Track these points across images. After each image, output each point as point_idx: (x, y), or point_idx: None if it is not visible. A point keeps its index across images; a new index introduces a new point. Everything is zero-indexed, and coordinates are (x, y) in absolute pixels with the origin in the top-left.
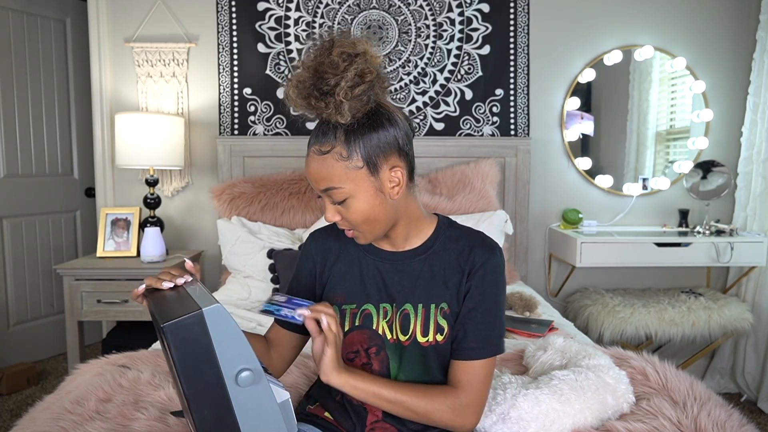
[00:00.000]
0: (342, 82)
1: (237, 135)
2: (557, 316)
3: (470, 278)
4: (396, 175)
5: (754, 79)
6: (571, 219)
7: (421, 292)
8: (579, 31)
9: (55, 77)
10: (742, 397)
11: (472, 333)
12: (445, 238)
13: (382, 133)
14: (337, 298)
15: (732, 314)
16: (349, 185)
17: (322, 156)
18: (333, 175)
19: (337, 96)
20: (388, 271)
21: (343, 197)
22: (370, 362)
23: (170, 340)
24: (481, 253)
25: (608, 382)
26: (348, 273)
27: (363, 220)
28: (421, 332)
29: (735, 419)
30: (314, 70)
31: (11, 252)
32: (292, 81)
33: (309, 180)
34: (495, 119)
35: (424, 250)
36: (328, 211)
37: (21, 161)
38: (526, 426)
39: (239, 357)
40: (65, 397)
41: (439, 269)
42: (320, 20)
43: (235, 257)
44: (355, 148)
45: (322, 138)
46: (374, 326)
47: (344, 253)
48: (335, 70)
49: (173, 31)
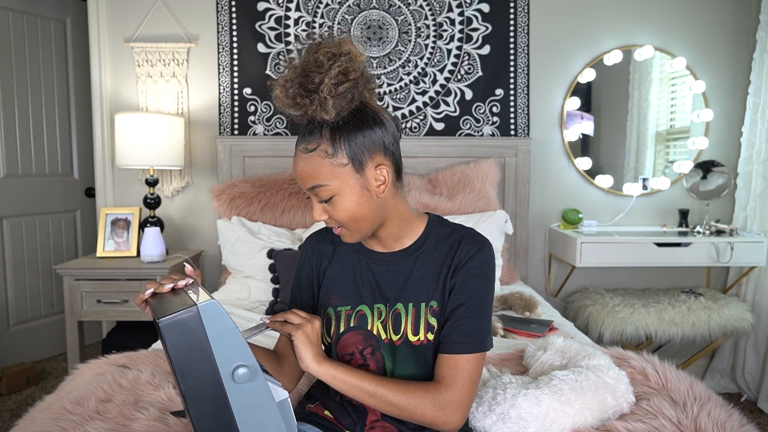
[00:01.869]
0: (326, 79)
1: (237, 135)
2: (557, 316)
3: (456, 273)
4: (381, 173)
5: (754, 79)
6: (571, 219)
7: (412, 292)
8: (579, 31)
9: (55, 77)
10: (742, 397)
11: (458, 327)
12: (435, 237)
13: (367, 132)
14: (332, 300)
15: (732, 314)
16: (334, 182)
17: (308, 154)
18: (319, 173)
19: (321, 93)
20: (380, 272)
21: (329, 195)
22: (366, 363)
23: (166, 335)
24: (468, 247)
25: (608, 383)
26: (342, 275)
27: (349, 218)
28: (412, 331)
29: (735, 419)
30: (301, 69)
31: (11, 252)
32: (279, 81)
33: (297, 179)
34: (495, 119)
35: (414, 250)
36: (316, 210)
37: (21, 161)
38: (526, 426)
39: (236, 354)
40: (65, 397)
41: (429, 268)
42: (320, 20)
43: (235, 257)
44: (340, 146)
45: (308, 136)
46: (369, 327)
47: (338, 256)
48: (320, 69)
49: (173, 31)
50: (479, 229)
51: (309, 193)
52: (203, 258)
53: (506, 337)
